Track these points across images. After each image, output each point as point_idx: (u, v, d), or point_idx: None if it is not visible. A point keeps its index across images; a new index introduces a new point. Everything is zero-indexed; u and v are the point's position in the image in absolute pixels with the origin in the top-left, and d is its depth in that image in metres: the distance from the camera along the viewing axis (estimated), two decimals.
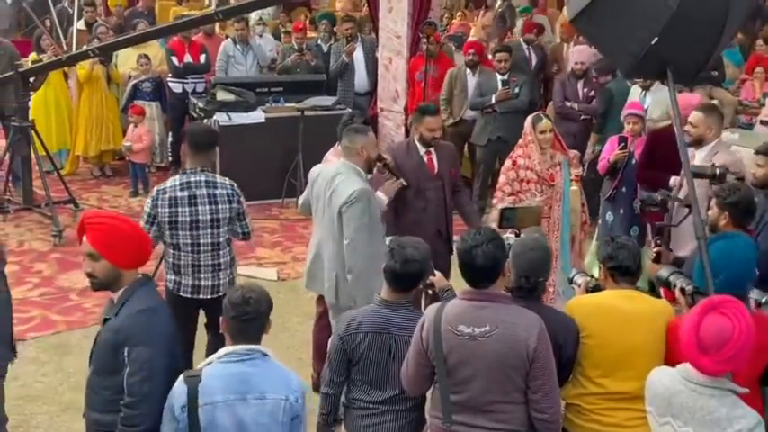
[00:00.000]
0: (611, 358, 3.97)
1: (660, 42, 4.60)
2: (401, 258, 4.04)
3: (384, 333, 4.07)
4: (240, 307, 3.57)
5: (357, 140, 5.44)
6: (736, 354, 3.16)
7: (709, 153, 6.00)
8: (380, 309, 4.13)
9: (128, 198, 10.26)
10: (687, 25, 4.57)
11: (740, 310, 3.23)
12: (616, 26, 4.77)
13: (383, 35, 10.59)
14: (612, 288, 4.15)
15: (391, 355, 4.07)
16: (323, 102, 10.19)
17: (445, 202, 6.35)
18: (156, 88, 10.91)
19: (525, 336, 3.65)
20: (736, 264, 4.01)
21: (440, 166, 6.30)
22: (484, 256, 3.68)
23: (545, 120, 6.34)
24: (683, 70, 4.99)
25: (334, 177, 5.39)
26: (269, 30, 12.85)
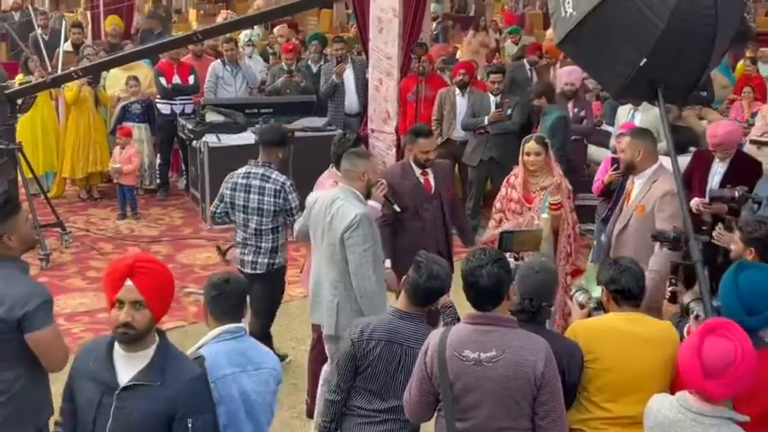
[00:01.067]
0: (617, 382, 3.92)
1: (649, 63, 4.62)
2: (427, 273, 4.07)
3: (396, 343, 4.08)
4: (220, 286, 3.85)
5: (359, 165, 5.36)
6: (741, 375, 3.12)
7: (649, 180, 5.74)
8: (395, 319, 4.14)
9: (116, 221, 10.13)
10: (676, 45, 4.58)
11: (739, 332, 3.18)
12: (604, 48, 4.78)
13: (373, 56, 10.56)
14: (615, 311, 4.11)
15: (400, 366, 4.08)
16: (313, 123, 10.13)
17: (444, 221, 6.31)
18: (145, 110, 10.82)
19: (533, 360, 3.57)
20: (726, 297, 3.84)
21: (436, 185, 6.28)
22: (488, 276, 3.62)
23: (532, 142, 6.23)
24: (674, 90, 5.00)
25: (332, 202, 5.30)
26: (257, 51, 12.79)
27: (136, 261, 3.41)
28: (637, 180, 5.87)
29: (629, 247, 5.78)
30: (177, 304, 7.81)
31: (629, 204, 5.86)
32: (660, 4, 4.47)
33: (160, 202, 10.91)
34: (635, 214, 5.77)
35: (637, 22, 4.54)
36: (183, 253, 9.15)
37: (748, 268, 3.82)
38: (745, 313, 3.70)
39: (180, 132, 10.62)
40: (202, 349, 3.80)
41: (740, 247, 4.66)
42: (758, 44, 16.46)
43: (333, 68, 10.65)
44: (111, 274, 3.39)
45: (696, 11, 4.53)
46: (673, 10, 4.47)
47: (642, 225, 5.68)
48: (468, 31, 16.42)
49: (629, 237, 5.80)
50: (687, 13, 4.49)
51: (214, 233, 9.71)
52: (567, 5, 4.77)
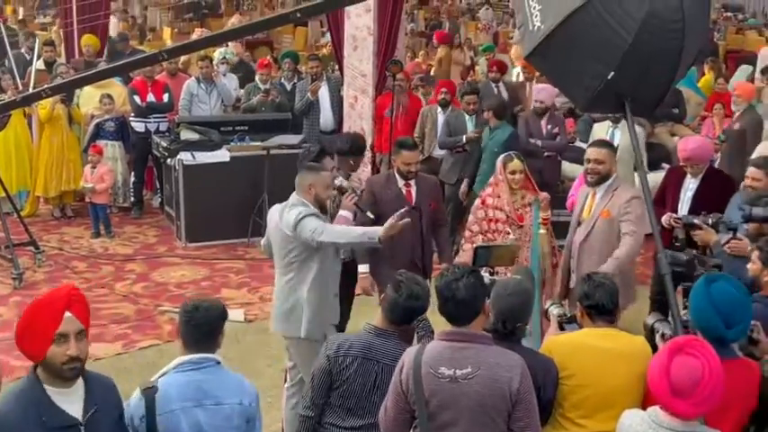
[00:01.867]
0: (592, 398, 3.92)
1: (616, 76, 4.65)
2: (407, 292, 4.07)
3: (372, 360, 4.07)
4: (190, 313, 3.70)
5: (306, 178, 5.44)
6: (709, 394, 3.13)
7: (609, 188, 6.00)
8: (372, 336, 4.13)
9: (89, 239, 10.04)
10: (643, 59, 4.62)
11: (707, 349, 3.20)
12: (571, 61, 4.82)
13: (348, 73, 10.60)
14: (589, 326, 4.11)
15: (375, 383, 4.07)
16: (288, 140, 10.12)
17: (422, 233, 6.34)
18: (119, 128, 10.76)
19: (508, 377, 3.57)
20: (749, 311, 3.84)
21: (418, 198, 6.33)
22: (465, 288, 3.62)
23: (515, 160, 6.29)
24: (642, 103, 5.04)
25: (282, 209, 5.41)
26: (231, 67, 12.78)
27: (71, 291, 3.31)
28: (598, 191, 6.07)
29: (594, 253, 5.94)
30: (152, 323, 7.78)
31: (591, 213, 6.03)
32: (627, 18, 4.51)
33: (134, 220, 10.84)
34: (600, 219, 5.97)
35: (604, 36, 4.57)
36: (157, 271, 9.10)
37: (718, 281, 3.83)
38: (723, 326, 3.70)
39: (154, 150, 10.57)
40: (161, 378, 3.68)
41: (758, 267, 4.56)
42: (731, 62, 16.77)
43: (308, 86, 10.65)
44: (47, 310, 3.19)
45: (663, 25, 4.57)
46: (640, 24, 4.51)
47: (607, 229, 5.92)
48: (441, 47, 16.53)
49: (595, 242, 5.97)
50: (654, 27, 4.53)
51: (188, 251, 9.68)
52: (536, 19, 4.81)
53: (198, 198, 9.78)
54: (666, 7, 4.53)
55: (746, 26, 26.17)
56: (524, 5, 4.89)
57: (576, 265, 6.07)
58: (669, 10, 4.54)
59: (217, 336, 3.75)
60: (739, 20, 28.35)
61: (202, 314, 3.69)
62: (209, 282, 8.83)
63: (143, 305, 8.16)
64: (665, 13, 4.53)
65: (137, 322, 7.78)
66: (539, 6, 4.78)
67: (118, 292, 8.50)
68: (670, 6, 4.54)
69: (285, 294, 5.50)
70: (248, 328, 7.71)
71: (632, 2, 4.51)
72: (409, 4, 22.47)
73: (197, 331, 3.69)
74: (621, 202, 5.85)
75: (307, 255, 5.35)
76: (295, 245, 5.33)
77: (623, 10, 4.51)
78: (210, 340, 3.72)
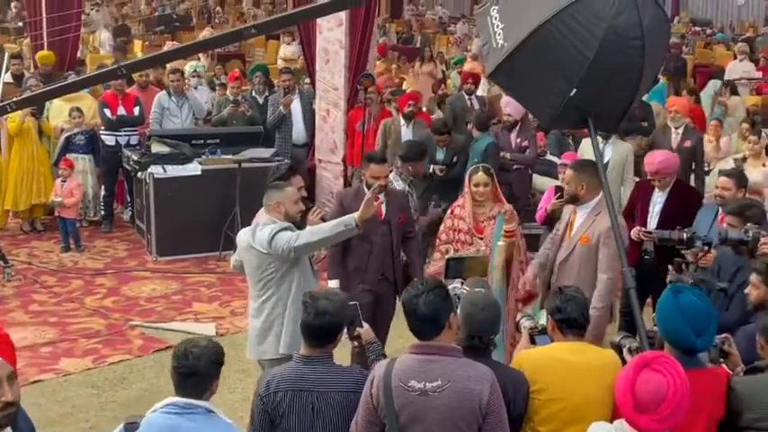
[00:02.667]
0: (562, 412, 3.92)
1: (579, 93, 4.71)
2: (314, 311, 3.97)
3: (304, 391, 3.94)
4: (178, 359, 3.58)
5: (273, 197, 5.40)
6: (673, 411, 3.15)
7: (592, 212, 5.88)
8: (299, 365, 4.02)
9: (59, 254, 9.96)
10: (604, 74, 4.69)
11: (674, 366, 3.21)
12: (534, 79, 4.87)
13: (320, 87, 10.62)
14: (560, 340, 4.13)
15: (314, 412, 3.94)
16: (260, 153, 10.10)
17: (392, 247, 6.38)
18: (89, 141, 10.70)
19: (478, 390, 3.59)
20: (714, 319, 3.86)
21: (388, 211, 6.35)
22: (425, 305, 3.64)
23: (480, 173, 6.32)
24: (605, 119, 5.11)
25: (254, 229, 5.36)
26: (205, 81, 12.77)
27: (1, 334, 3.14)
28: (579, 210, 5.97)
29: (571, 277, 5.90)
30: (122, 338, 7.73)
31: (572, 234, 5.97)
32: (589, 36, 4.57)
33: (105, 234, 10.76)
34: (579, 245, 5.90)
35: (566, 53, 4.63)
36: (127, 285, 9.04)
37: (683, 292, 3.87)
38: (693, 335, 3.74)
39: (125, 164, 10.52)
40: (147, 415, 3.59)
41: (763, 291, 4.57)
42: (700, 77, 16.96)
43: (280, 99, 10.66)
44: None
45: (623, 42, 4.63)
46: (601, 41, 4.57)
47: (586, 256, 5.85)
48: (414, 62, 16.61)
49: (573, 266, 5.93)
50: (615, 44, 4.60)
51: (159, 265, 9.63)
52: (498, 37, 4.85)
53: (169, 211, 9.73)
54: (626, 25, 4.60)
55: (715, 41, 26.46)
56: (488, 24, 4.95)
57: (555, 282, 6.08)
58: (629, 27, 4.61)
59: (208, 384, 3.61)
60: (708, 34, 28.67)
61: (192, 362, 3.56)
62: (180, 296, 8.79)
63: (113, 320, 8.09)
64: (625, 30, 4.60)
65: (107, 337, 7.72)
66: (501, 25, 4.84)
67: (88, 306, 8.44)
68: (629, 24, 4.61)
69: (262, 313, 5.41)
70: (220, 341, 7.59)
71: (592, 20, 4.57)
72: (381, 18, 22.57)
73: (184, 380, 3.57)
74: (601, 229, 5.75)
75: (284, 271, 5.29)
76: (271, 262, 5.27)
77: (584, 28, 4.58)
78: (199, 388, 3.59)
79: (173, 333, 7.82)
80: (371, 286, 6.35)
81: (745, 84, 15.39)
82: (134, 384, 6.87)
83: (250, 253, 5.35)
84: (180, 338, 7.56)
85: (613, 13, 4.57)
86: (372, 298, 6.29)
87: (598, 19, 4.57)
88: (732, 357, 4.09)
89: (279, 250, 5.17)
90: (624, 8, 4.60)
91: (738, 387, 3.78)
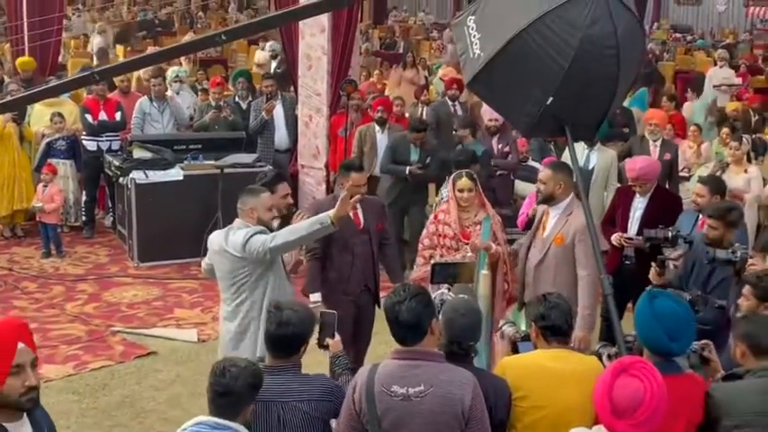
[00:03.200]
0: (545, 420, 3.92)
1: (555, 101, 4.74)
2: (276, 321, 3.93)
3: (269, 402, 3.88)
4: (215, 377, 3.52)
5: (247, 201, 5.38)
6: (650, 416, 3.15)
7: (564, 212, 5.98)
8: (265, 376, 3.92)
9: (40, 259, 9.91)
10: (580, 83, 4.73)
11: (651, 372, 3.22)
12: (511, 88, 4.91)
13: (303, 92, 10.62)
14: (544, 347, 4.13)
15: (281, 423, 3.89)
16: (242, 159, 10.08)
17: (372, 256, 6.38)
18: (71, 146, 10.66)
19: (460, 394, 3.59)
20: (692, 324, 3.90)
21: (366, 220, 6.33)
22: (407, 311, 3.65)
23: (464, 178, 6.29)
24: (581, 127, 5.15)
25: (227, 233, 5.34)
26: (187, 87, 12.74)
27: (20, 322, 3.20)
28: (552, 211, 6.06)
29: (548, 279, 5.98)
30: (104, 344, 7.69)
31: (545, 235, 6.06)
32: (564, 45, 4.60)
33: (86, 239, 10.72)
34: (553, 246, 5.98)
35: (542, 63, 4.66)
36: (109, 291, 9.00)
37: (659, 297, 3.90)
38: (667, 339, 3.76)
39: (107, 169, 10.48)
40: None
41: (754, 303, 4.59)
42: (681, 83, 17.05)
43: (262, 105, 10.64)
44: (4, 347, 3.04)
45: (599, 51, 4.67)
46: (576, 50, 4.60)
47: (561, 256, 5.93)
48: (394, 68, 16.62)
49: (549, 268, 6.00)
50: (590, 53, 4.63)
51: (141, 271, 9.60)
52: (475, 47, 4.88)
53: (150, 217, 9.70)
54: (601, 34, 4.64)
55: (695, 47, 26.63)
56: (464, 33, 4.98)
57: (531, 283, 6.12)
58: (603, 36, 4.65)
59: (241, 406, 3.54)
60: (688, 41, 28.85)
61: (228, 381, 3.49)
62: (162, 302, 8.76)
63: (94, 326, 8.06)
64: (600, 39, 4.64)
65: (88, 343, 7.68)
66: (478, 35, 4.87)
67: (69, 312, 8.40)
68: (604, 33, 4.64)
69: (237, 317, 5.38)
70: (202, 348, 7.65)
71: (567, 29, 4.60)
72: (364, 24, 22.58)
73: (218, 398, 3.50)
74: (576, 228, 5.83)
75: (258, 275, 5.28)
76: (244, 265, 5.25)
77: (559, 37, 4.61)
78: (232, 410, 3.51)
79: (154, 339, 7.80)
80: (354, 297, 6.31)
81: (725, 90, 15.49)
82: (115, 391, 6.84)
83: (222, 256, 5.33)
84: (162, 345, 7.66)
85: (588, 23, 4.60)
86: (355, 310, 6.28)
87: (573, 28, 4.61)
88: (712, 364, 4.12)
89: (254, 253, 5.14)
90: (599, 17, 4.63)
91: (717, 394, 3.80)
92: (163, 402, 6.68)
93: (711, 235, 5.65)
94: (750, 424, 3.72)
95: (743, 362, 3.96)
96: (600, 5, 4.62)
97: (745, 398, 3.76)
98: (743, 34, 30.10)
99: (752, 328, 3.96)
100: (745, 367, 3.93)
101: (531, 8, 4.66)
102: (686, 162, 10.56)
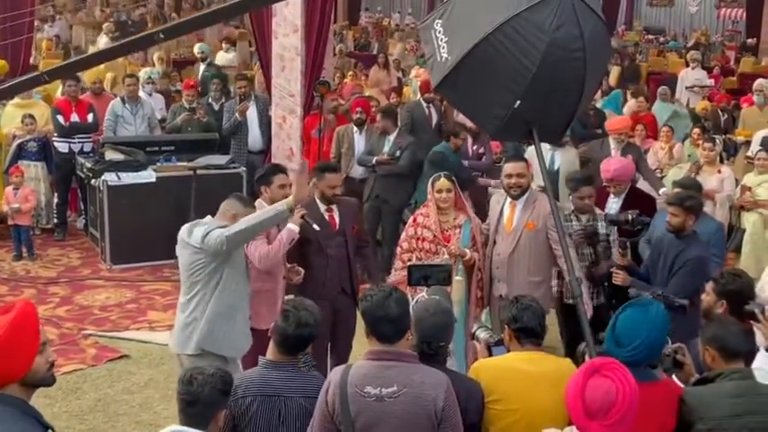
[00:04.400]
0: (519, 423, 3.91)
1: (523, 104, 4.76)
2: (296, 321, 3.97)
3: (273, 396, 3.94)
4: (182, 385, 3.49)
5: (234, 207, 5.36)
6: (623, 417, 3.15)
7: (528, 201, 6.16)
8: (267, 371, 4.02)
9: (11, 262, 9.81)
10: (547, 86, 4.75)
11: (623, 373, 3.22)
12: (479, 91, 4.91)
13: (276, 93, 10.58)
14: (517, 350, 4.12)
15: (281, 419, 3.94)
16: (216, 160, 10.04)
17: (348, 258, 6.34)
18: (42, 148, 10.56)
19: (433, 395, 3.59)
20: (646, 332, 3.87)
21: (341, 222, 6.30)
22: (396, 304, 3.68)
23: (443, 179, 6.29)
24: (548, 129, 5.19)
25: (192, 227, 5.34)
26: (159, 88, 12.69)
27: (32, 303, 3.30)
28: (518, 203, 6.21)
29: (523, 266, 6.12)
30: (76, 347, 7.62)
31: (513, 226, 6.18)
32: (531, 48, 4.62)
33: (58, 242, 10.63)
34: (525, 232, 6.13)
35: (509, 66, 4.67)
36: (81, 294, 8.93)
37: (635, 306, 3.94)
38: (614, 345, 3.81)
39: (78, 171, 10.41)
40: None
41: (712, 299, 4.64)
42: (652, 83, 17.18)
43: (236, 106, 10.61)
44: (29, 326, 3.17)
45: (565, 54, 4.68)
46: (543, 54, 4.61)
47: (534, 241, 6.11)
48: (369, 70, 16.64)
49: (522, 254, 6.14)
50: (557, 57, 4.64)
51: (113, 273, 9.53)
52: (443, 51, 4.89)
53: (123, 219, 9.64)
54: (567, 37, 4.65)
55: (668, 48, 26.87)
56: (432, 37, 4.98)
57: (505, 276, 6.18)
58: (570, 40, 4.66)
59: (212, 413, 3.49)
60: (660, 42, 29.10)
61: (195, 389, 3.45)
62: (135, 304, 8.69)
63: (66, 329, 7.98)
64: (567, 42, 4.65)
65: (60, 347, 7.58)
66: (445, 38, 4.87)
67: (41, 315, 8.15)
68: (571, 36, 4.66)
69: (187, 309, 5.39)
70: None
71: (534, 32, 4.62)
72: (338, 25, 22.56)
73: (185, 406, 3.47)
74: (545, 212, 5.96)
75: (212, 269, 5.25)
76: (201, 258, 5.24)
77: (526, 41, 4.62)
78: (201, 418, 3.46)
79: (127, 342, 7.74)
80: (330, 301, 6.22)
81: (697, 91, 15.64)
82: (87, 394, 6.78)
83: (183, 248, 5.35)
84: (134, 348, 7.60)
85: (554, 26, 4.62)
86: (331, 311, 6.19)
87: (540, 32, 4.62)
88: (686, 367, 4.13)
89: (212, 245, 5.13)
90: (565, 21, 4.65)
91: (689, 398, 3.82)
92: (136, 406, 6.63)
93: (673, 222, 5.87)
94: (723, 427, 3.74)
95: (713, 366, 3.97)
96: (566, 9, 4.63)
97: (717, 401, 3.78)
98: (714, 36, 30.40)
99: (719, 332, 3.97)
100: (716, 371, 3.95)
101: (498, 12, 4.67)
102: (658, 163, 10.63)
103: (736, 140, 12.26)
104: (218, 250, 5.16)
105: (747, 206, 8.97)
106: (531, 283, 6.15)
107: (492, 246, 6.28)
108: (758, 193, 8.94)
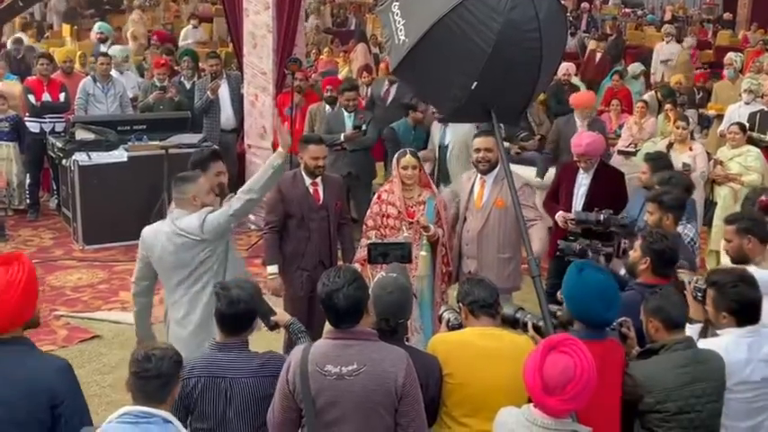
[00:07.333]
0: (473, 397, 3.94)
1: (480, 86, 4.77)
2: (226, 300, 3.98)
3: (218, 377, 3.94)
4: (140, 363, 3.44)
5: (187, 190, 5.15)
6: (580, 392, 3.19)
7: (497, 178, 6.15)
8: (214, 352, 4.03)
9: None
10: (504, 68, 4.77)
11: (580, 348, 3.25)
12: (436, 74, 4.93)
13: (248, 71, 10.53)
14: (473, 325, 4.14)
15: (227, 399, 3.94)
16: (188, 139, 9.96)
17: (329, 233, 6.40)
18: (14, 128, 10.46)
19: (393, 372, 3.61)
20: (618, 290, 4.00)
21: (325, 197, 6.37)
22: (345, 299, 3.64)
23: (408, 155, 6.28)
24: (507, 110, 5.20)
25: (170, 223, 5.12)
26: (133, 66, 12.57)
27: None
28: (487, 179, 6.23)
29: (493, 243, 6.17)
30: (47, 328, 7.58)
31: (483, 203, 6.21)
32: (485, 30, 4.62)
33: (30, 222, 10.58)
34: (494, 210, 6.16)
35: (465, 48, 4.68)
36: (53, 275, 8.89)
37: (586, 268, 3.97)
38: (605, 309, 3.87)
39: (50, 151, 10.33)
40: (101, 427, 3.43)
41: (638, 255, 4.72)
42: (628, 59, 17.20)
43: (207, 84, 10.54)
44: (34, 273, 3.64)
45: (520, 35, 4.70)
46: (497, 35, 4.62)
47: (503, 218, 6.14)
48: (346, 46, 16.54)
49: (492, 230, 6.18)
50: (512, 38, 4.66)
51: (86, 254, 9.49)
52: (400, 33, 4.89)
53: (95, 199, 9.58)
54: (522, 18, 4.67)
55: (645, 22, 26.85)
56: (390, 20, 4.98)
57: (475, 252, 6.21)
58: (525, 20, 4.68)
59: (171, 386, 3.49)
60: (638, 16, 29.08)
61: (156, 364, 3.42)
62: (107, 285, 8.67)
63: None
64: (521, 23, 4.67)
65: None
66: (403, 20, 4.89)
67: None
68: (526, 17, 4.68)
69: (198, 305, 5.14)
70: None
71: (489, 13, 4.63)
72: (316, 0, 22.38)
73: (145, 384, 3.43)
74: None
75: (218, 255, 5.10)
76: (204, 247, 5.05)
77: (480, 22, 4.63)
78: (164, 391, 3.45)
79: (99, 323, 7.73)
80: (310, 271, 6.29)
81: (672, 65, 15.65)
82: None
83: (175, 245, 5.08)
84: (106, 328, 7.57)
85: (509, 7, 4.64)
86: (310, 285, 6.18)
87: (494, 12, 4.63)
88: (629, 341, 4.18)
89: (216, 227, 4.98)
90: (520, 2, 4.66)
91: (635, 372, 3.89)
92: (107, 386, 6.62)
93: (650, 220, 5.65)
94: (672, 398, 3.84)
95: (657, 337, 4.05)
96: None
97: (663, 373, 3.87)
98: (692, 9, 30.42)
99: (662, 303, 4.05)
100: (660, 342, 4.01)
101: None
102: (632, 138, 10.66)
103: (708, 115, 12.30)
104: (226, 229, 5.07)
105: (719, 180, 9.00)
106: (501, 260, 6.18)
107: (462, 222, 6.29)
108: (730, 167, 8.97)
